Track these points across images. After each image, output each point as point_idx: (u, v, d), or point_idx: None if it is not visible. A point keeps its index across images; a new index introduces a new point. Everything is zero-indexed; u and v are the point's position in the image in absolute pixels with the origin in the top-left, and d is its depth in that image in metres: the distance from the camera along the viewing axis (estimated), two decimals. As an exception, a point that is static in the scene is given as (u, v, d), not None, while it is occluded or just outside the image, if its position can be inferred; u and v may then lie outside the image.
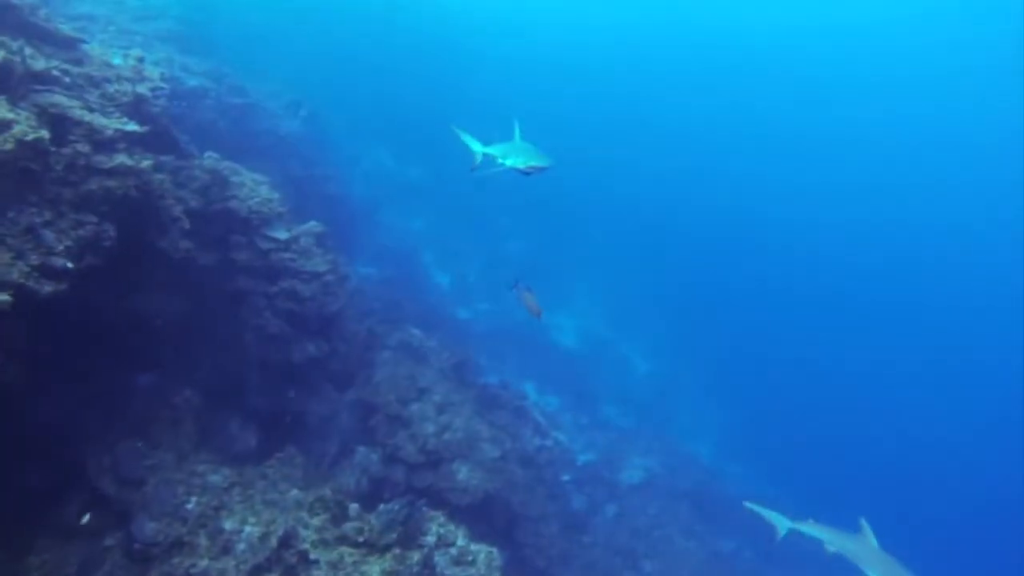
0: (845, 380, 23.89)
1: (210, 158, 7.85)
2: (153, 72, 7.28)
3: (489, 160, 5.75)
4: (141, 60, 7.31)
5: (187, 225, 6.45)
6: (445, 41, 35.07)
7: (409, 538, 7.03)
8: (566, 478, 13.34)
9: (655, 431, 16.68)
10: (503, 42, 39.51)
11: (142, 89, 6.68)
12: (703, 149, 37.58)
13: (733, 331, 23.23)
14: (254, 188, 7.76)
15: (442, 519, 7.56)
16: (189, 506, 6.04)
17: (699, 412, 18.75)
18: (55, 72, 5.76)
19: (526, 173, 5.29)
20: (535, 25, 43.23)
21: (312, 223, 9.04)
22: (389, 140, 23.26)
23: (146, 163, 5.78)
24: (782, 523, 7.46)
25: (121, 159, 5.49)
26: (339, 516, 6.71)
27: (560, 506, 12.06)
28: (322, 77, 22.49)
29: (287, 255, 8.00)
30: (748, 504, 7.72)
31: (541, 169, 5.24)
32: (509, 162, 5.38)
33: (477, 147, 6.00)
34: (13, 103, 4.98)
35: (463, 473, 9.28)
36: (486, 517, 9.27)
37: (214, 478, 6.42)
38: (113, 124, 5.64)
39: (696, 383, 19.57)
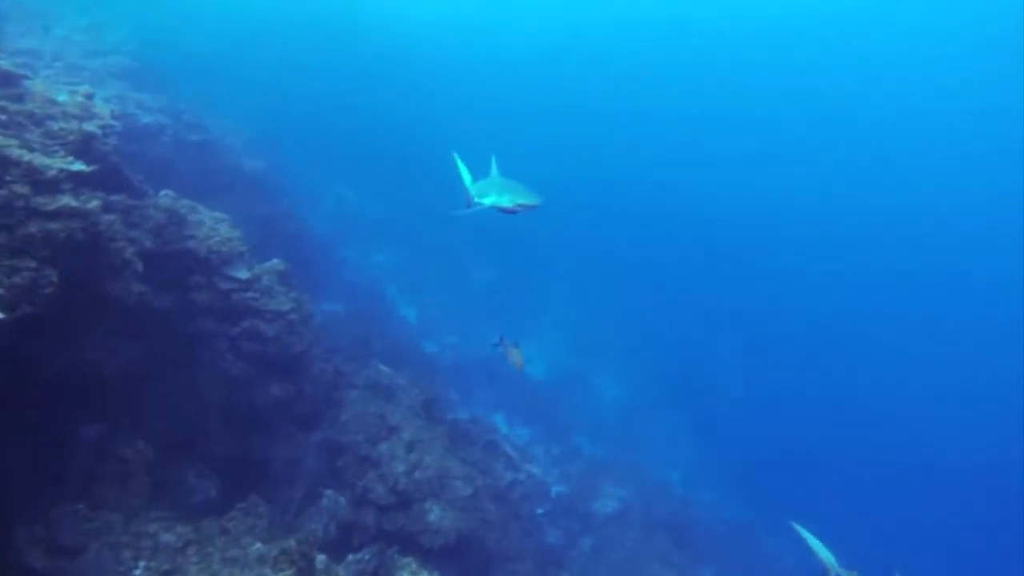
0: (819, 399, 24.20)
1: (166, 197, 7.61)
2: (103, 109, 7.06)
3: (465, 196, 5.42)
4: (90, 97, 7.08)
5: (140, 268, 6.17)
6: (406, 73, 35.48)
7: (381, 589, 6.73)
8: (540, 511, 13.11)
9: (627, 459, 16.60)
10: (467, 70, 40.22)
11: (90, 127, 6.44)
12: (668, 169, 38.06)
13: (700, 355, 23.47)
14: (213, 227, 7.54)
15: (414, 566, 7.27)
16: (136, 572, 5.51)
17: (670, 437, 18.77)
18: (-11, 110, 5.53)
19: (511, 212, 4.92)
20: (499, 53, 44.18)
21: (275, 261, 8.83)
22: (351, 175, 23.18)
23: (94, 204, 5.52)
24: (831, 561, 6.35)
25: (66, 200, 5.23)
26: (305, 570, 6.37)
27: (535, 542, 11.82)
28: (283, 112, 22.37)
29: (249, 295, 7.76)
30: (796, 527, 6.64)
31: (530, 207, 4.88)
32: (489, 200, 4.98)
33: (470, 183, 5.64)
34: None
35: (435, 513, 9.00)
36: (460, 559, 8.97)
37: (167, 537, 5.96)
38: (57, 163, 5.39)
39: (665, 408, 19.64)
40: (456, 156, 5.74)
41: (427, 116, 31.86)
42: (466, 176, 5.66)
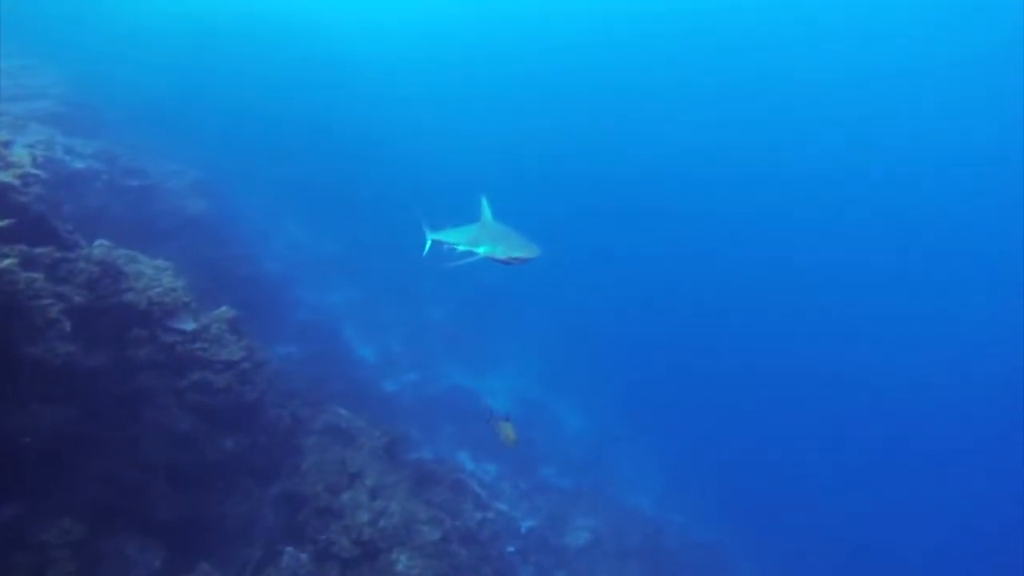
0: (788, 416, 24.42)
1: (101, 247, 7.19)
2: (22, 156, 6.68)
3: (449, 244, 5.08)
4: (7, 144, 6.70)
5: (68, 327, 5.74)
6: (355, 107, 35.43)
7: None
8: (511, 549, 12.78)
9: (595, 488, 16.47)
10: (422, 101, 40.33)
11: (6, 177, 6.07)
12: (625, 193, 38.32)
13: (662, 379, 23.64)
14: (155, 276, 7.17)
15: (383, 624, 6.89)
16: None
17: (636, 464, 18.75)
18: None
19: (505, 263, 4.51)
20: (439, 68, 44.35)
21: (223, 308, 8.49)
22: (302, 212, 22.74)
23: (8, 261, 5.16)
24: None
25: (-29, 260, 4.86)
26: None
27: (508, 582, 11.47)
28: (229, 152, 21.89)
29: (197, 346, 7.39)
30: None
31: (524, 260, 4.43)
32: (483, 250, 4.54)
33: (429, 233, 5.34)
34: None
35: (402, 563, 8.62)
36: (432, 609, 8.59)
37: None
38: (-39, 221, 5.03)
39: (630, 435, 19.66)
40: (417, 211, 5.47)
41: (377, 153, 31.75)
42: (426, 227, 5.40)
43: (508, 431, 5.58)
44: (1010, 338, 32.10)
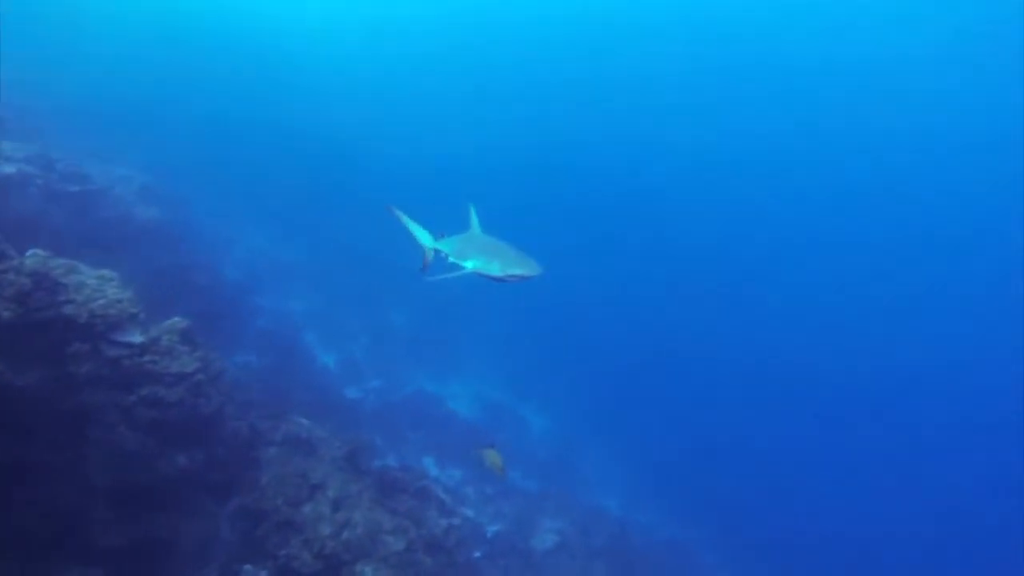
0: (745, 415, 24.77)
1: (34, 257, 6.77)
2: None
3: (439, 256, 4.58)
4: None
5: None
6: (315, 109, 34.75)
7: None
8: (478, 555, 12.73)
9: (561, 490, 16.53)
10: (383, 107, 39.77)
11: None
12: (585, 194, 38.50)
13: (626, 379, 23.89)
14: (98, 287, 6.84)
15: (346, 640, 6.74)
16: None
17: (602, 465, 18.92)
18: None
19: (500, 280, 4.01)
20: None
21: (176, 319, 8.15)
22: (261, 218, 22.19)
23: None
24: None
25: None
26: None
27: (475, 589, 11.40)
28: (182, 157, 21.19)
29: (146, 359, 7.07)
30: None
31: (523, 278, 3.95)
32: (474, 264, 4.04)
33: (426, 240, 4.66)
34: None
35: (367, 575, 8.47)
36: (397, 620, 8.46)
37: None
38: None
39: (595, 436, 19.82)
40: (395, 210, 4.81)
41: (339, 157, 31.22)
42: (419, 232, 4.72)
43: (494, 459, 5.43)
44: (955, 327, 33.49)
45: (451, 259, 4.42)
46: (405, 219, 4.82)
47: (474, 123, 42.04)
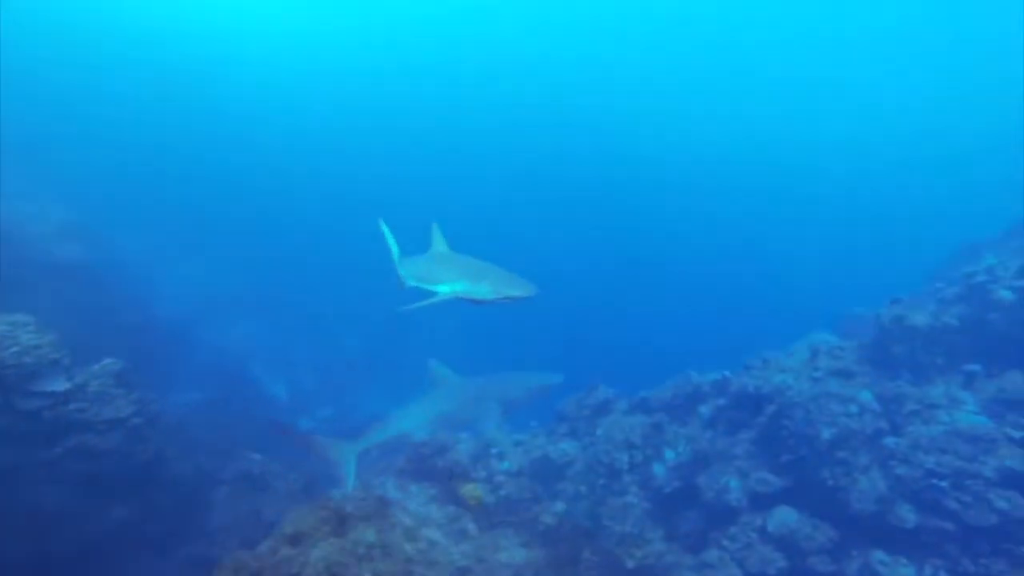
0: None
1: (-68, 309, 6.35)
2: None
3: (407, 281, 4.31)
4: None
5: None
6: (246, 128, 33.84)
7: None
8: (446, 578, 12.48)
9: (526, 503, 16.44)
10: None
11: None
12: (539, 199, 38.72)
13: (584, 388, 23.97)
14: (10, 334, 6.39)
15: None
16: None
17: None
18: None
19: (487, 304, 3.56)
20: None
21: (107, 361, 7.72)
22: (196, 251, 21.35)
23: None
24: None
25: None
26: None
27: (445, 614, 11.16)
28: (104, 189, 20.21)
29: (72, 407, 6.66)
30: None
31: (517, 300, 3.63)
32: (460, 287, 3.66)
33: (407, 270, 4.31)
34: None
35: (330, 613, 8.15)
36: (364, 657, 8.16)
37: None
38: None
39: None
40: (382, 224, 4.50)
41: (276, 170, 30.49)
42: (395, 252, 4.44)
43: (473, 492, 5.32)
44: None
45: (410, 283, 4.09)
46: (390, 239, 4.65)
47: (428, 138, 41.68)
